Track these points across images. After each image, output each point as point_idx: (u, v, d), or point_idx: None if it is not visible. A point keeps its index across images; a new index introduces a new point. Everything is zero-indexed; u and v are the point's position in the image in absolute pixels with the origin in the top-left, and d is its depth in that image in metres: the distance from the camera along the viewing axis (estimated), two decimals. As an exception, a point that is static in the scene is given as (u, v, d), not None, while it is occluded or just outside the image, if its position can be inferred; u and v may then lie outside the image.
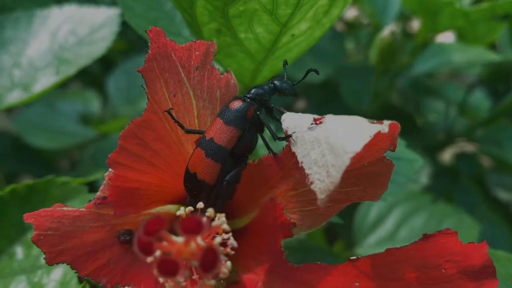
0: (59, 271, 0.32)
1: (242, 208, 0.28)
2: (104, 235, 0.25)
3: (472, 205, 0.75)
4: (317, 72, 0.27)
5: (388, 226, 0.58)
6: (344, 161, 0.19)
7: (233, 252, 0.22)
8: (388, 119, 0.70)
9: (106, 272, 0.24)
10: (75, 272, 0.24)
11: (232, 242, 0.22)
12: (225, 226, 0.23)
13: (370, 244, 0.57)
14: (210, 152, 0.25)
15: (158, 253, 0.18)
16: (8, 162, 0.81)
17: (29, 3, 0.84)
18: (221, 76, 0.26)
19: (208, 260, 0.17)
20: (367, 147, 0.22)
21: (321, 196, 0.20)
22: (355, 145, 0.19)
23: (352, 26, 1.00)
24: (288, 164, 0.24)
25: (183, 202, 0.28)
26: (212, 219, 0.23)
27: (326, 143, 0.20)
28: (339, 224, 0.63)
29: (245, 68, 0.32)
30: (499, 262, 0.33)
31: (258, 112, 0.25)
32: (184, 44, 0.25)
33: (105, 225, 0.25)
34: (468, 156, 0.84)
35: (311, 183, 0.20)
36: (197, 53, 0.25)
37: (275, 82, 0.27)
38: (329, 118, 0.21)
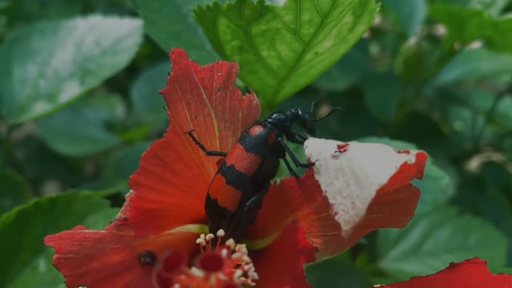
0: (80, 286, 0.32)
1: (264, 229, 0.28)
2: (125, 257, 0.25)
3: (500, 216, 0.73)
4: (342, 112, 0.26)
5: (413, 238, 0.57)
6: (370, 193, 0.18)
7: (253, 284, 0.22)
8: (413, 127, 0.69)
9: (126, 294, 0.24)
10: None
11: (253, 274, 0.22)
12: (246, 258, 0.22)
13: (395, 257, 0.56)
14: (231, 179, 0.24)
15: (177, 287, 0.18)
16: (35, 166, 0.82)
17: (56, 11, 0.85)
18: (243, 97, 0.25)
19: (228, 295, 0.17)
20: (393, 175, 0.21)
21: (345, 227, 0.19)
22: (381, 177, 0.18)
23: (377, 31, 0.98)
24: (310, 188, 0.24)
25: (204, 222, 0.27)
26: (233, 251, 0.23)
27: (351, 173, 0.19)
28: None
29: (267, 84, 0.32)
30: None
31: (279, 138, 0.25)
32: (206, 65, 0.25)
33: (126, 246, 0.25)
34: (496, 165, 0.82)
35: (336, 213, 0.20)
36: (219, 74, 0.25)
37: (299, 110, 0.26)
38: (354, 146, 0.20)
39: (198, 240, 0.24)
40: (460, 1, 0.59)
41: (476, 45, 0.82)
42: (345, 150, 0.20)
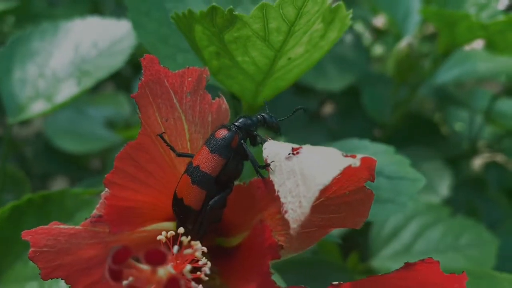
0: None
1: (236, 227, 0.29)
2: (99, 251, 0.26)
3: (499, 217, 0.73)
4: (305, 110, 0.27)
5: (404, 238, 0.58)
6: (314, 193, 0.20)
7: (206, 278, 0.23)
8: (410, 128, 0.69)
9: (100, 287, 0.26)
10: (69, 287, 0.25)
11: (205, 269, 0.23)
12: (198, 254, 0.24)
13: (386, 256, 0.57)
14: (196, 179, 0.25)
15: (130, 279, 0.19)
16: (42, 163, 0.84)
17: (64, 10, 0.87)
18: (213, 101, 0.26)
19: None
20: (347, 176, 0.23)
21: (293, 225, 0.20)
22: (324, 177, 0.19)
23: (381, 32, 0.99)
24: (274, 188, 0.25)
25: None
26: (187, 247, 0.24)
27: (301, 174, 0.21)
28: (355, 235, 0.63)
29: (246, 88, 0.33)
30: (499, 286, 0.32)
31: (242, 141, 0.26)
32: (177, 71, 0.26)
33: (100, 242, 0.26)
34: (498, 166, 0.82)
35: (285, 212, 0.21)
36: (189, 79, 0.26)
37: (264, 115, 0.28)
38: (306, 149, 0.22)
39: (158, 237, 0.25)
40: (455, 2, 0.59)
41: (478, 45, 0.82)
42: (298, 153, 0.22)
